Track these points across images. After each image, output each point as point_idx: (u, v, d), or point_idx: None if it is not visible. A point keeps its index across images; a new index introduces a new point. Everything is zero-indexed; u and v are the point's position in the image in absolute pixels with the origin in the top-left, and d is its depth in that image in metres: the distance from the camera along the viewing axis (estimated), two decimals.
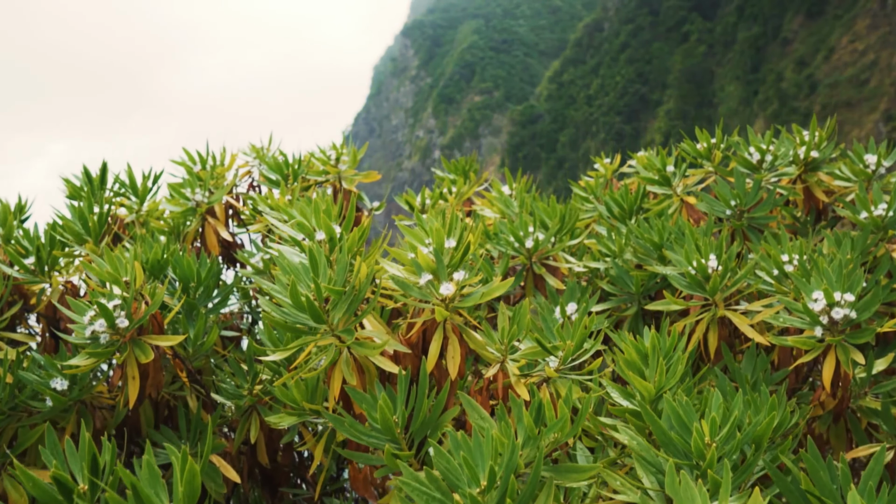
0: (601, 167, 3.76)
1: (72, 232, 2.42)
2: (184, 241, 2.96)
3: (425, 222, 1.94)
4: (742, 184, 2.70)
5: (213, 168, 3.16)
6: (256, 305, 3.00)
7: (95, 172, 2.91)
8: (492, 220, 3.19)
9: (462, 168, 3.69)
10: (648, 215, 2.95)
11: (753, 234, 2.72)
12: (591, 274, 2.97)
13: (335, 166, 3.18)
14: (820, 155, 2.87)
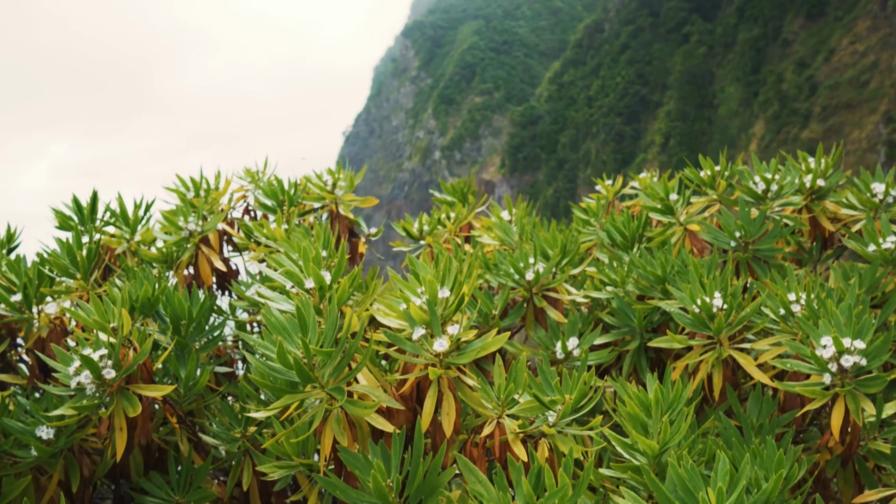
0: (603, 189, 3.70)
1: (60, 267, 2.37)
2: (177, 270, 2.90)
3: (419, 267, 1.88)
4: (746, 214, 2.65)
5: (208, 193, 3.10)
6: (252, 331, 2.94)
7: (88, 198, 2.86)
8: (491, 246, 3.14)
9: (460, 190, 3.63)
10: (651, 245, 2.89)
11: (759, 267, 2.66)
12: (593, 303, 2.91)
13: (331, 192, 3.12)
14: (826, 183, 2.81)
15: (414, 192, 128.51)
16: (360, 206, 3.47)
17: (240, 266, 3.30)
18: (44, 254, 2.68)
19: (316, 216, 3.15)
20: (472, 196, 3.64)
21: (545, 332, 2.64)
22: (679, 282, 2.51)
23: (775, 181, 2.74)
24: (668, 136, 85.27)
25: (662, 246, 2.90)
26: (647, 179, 3.68)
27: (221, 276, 3.11)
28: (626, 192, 3.75)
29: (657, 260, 2.62)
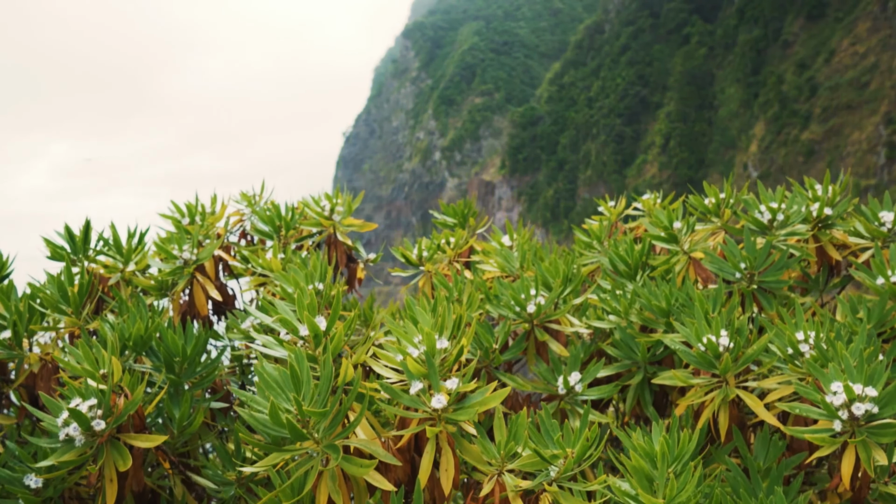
0: (605, 210, 3.65)
1: (50, 303, 2.31)
2: (172, 298, 2.85)
3: (417, 313, 1.82)
4: (752, 245, 2.59)
5: (204, 219, 3.05)
6: (248, 363, 2.89)
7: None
8: (492, 273, 3.08)
9: (461, 213, 3.58)
10: (655, 274, 2.84)
11: (764, 298, 2.60)
12: (596, 331, 2.86)
13: (329, 218, 3.06)
14: (834, 212, 2.76)
15: (414, 193, 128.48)
16: (357, 229, 3.41)
17: (237, 289, 3.26)
18: (36, 283, 2.63)
19: (313, 242, 3.10)
20: (472, 219, 3.59)
21: (547, 367, 2.59)
22: (684, 316, 2.46)
23: (781, 210, 2.69)
24: (668, 137, 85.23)
25: (666, 275, 2.85)
26: (649, 202, 3.64)
27: (218, 304, 3.06)
28: (630, 213, 3.70)
29: (661, 292, 2.57)
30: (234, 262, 3.14)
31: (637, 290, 2.67)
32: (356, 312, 2.54)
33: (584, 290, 3.19)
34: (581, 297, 2.82)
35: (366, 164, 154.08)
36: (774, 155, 73.32)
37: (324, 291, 2.54)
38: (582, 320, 2.88)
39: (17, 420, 2.47)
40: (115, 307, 2.54)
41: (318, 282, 2.52)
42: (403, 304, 2.91)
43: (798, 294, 2.92)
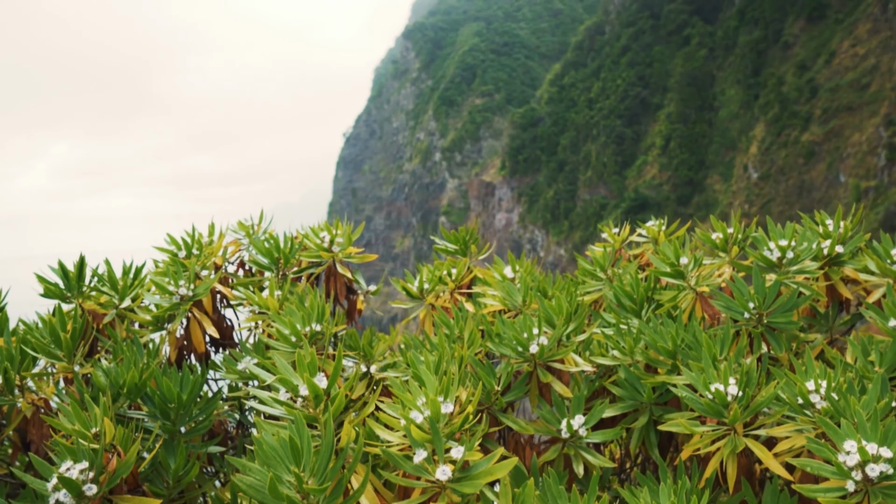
0: (609, 237, 3.60)
1: (42, 350, 2.26)
2: (168, 333, 2.80)
3: (421, 371, 1.77)
4: (761, 285, 2.54)
5: (201, 250, 2.99)
6: (247, 401, 2.83)
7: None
8: (493, 307, 3.03)
9: (462, 240, 3.53)
10: (661, 311, 2.79)
11: (773, 339, 2.55)
12: (599, 367, 2.81)
13: (329, 250, 3.01)
14: (845, 249, 2.70)
15: (414, 194, 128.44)
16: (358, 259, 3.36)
17: (237, 310, 3.20)
18: (28, 322, 2.58)
19: (312, 275, 3.05)
20: (474, 246, 3.54)
21: (549, 408, 2.53)
22: (691, 359, 2.41)
23: (791, 248, 2.63)
24: (668, 138, 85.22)
25: (673, 311, 2.80)
26: (654, 230, 3.58)
27: (217, 330, 3.01)
28: (634, 239, 3.65)
29: (668, 332, 2.51)
30: (232, 294, 3.09)
31: (642, 328, 2.62)
32: (356, 372, 2.48)
33: (588, 319, 3.14)
34: (585, 333, 2.77)
35: (366, 164, 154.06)
36: (775, 156, 73.34)
37: (322, 332, 2.49)
38: (584, 354, 2.83)
39: (10, 458, 2.42)
40: (110, 347, 2.49)
41: (316, 322, 2.47)
42: (405, 344, 2.86)
43: (806, 330, 2.87)
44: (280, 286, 2.99)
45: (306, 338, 2.43)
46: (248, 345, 3.07)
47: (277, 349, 2.45)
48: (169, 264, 2.95)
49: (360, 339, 3.04)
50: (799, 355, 2.75)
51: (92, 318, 2.65)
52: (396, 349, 3.38)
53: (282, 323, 2.41)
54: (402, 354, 2.94)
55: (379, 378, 2.93)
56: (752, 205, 73.09)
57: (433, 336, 3.02)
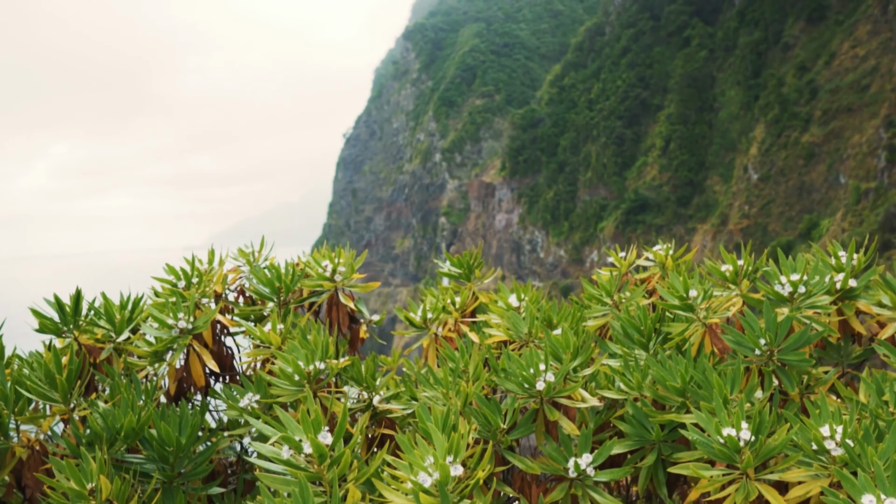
0: (615, 261, 3.54)
1: (37, 392, 2.20)
2: (168, 366, 2.74)
3: (430, 428, 1.72)
4: (772, 320, 2.48)
5: (201, 280, 2.94)
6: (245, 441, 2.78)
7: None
8: (498, 338, 2.98)
9: (466, 264, 3.47)
10: (669, 345, 2.73)
11: (785, 377, 2.49)
12: (607, 401, 2.76)
13: (331, 279, 2.96)
14: (859, 283, 2.65)
15: (414, 195, 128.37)
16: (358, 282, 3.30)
17: (235, 340, 3.15)
18: (24, 356, 2.52)
19: (314, 305, 3.00)
20: (478, 270, 3.48)
21: (556, 446, 2.48)
22: (700, 398, 2.35)
23: (803, 283, 2.58)
24: (668, 139, 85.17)
25: (682, 345, 2.74)
26: (661, 254, 3.53)
27: (218, 361, 2.96)
28: (641, 263, 3.60)
29: (677, 369, 2.46)
30: (232, 322, 3.04)
31: (650, 362, 2.56)
32: (361, 432, 2.43)
33: (594, 343, 3.08)
34: (591, 367, 2.71)
35: (366, 165, 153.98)
36: (775, 157, 73.30)
37: (326, 370, 2.43)
38: (590, 386, 2.78)
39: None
40: (108, 385, 2.43)
41: (320, 360, 2.42)
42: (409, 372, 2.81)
43: (817, 363, 2.81)
44: (282, 317, 2.94)
45: (309, 376, 2.38)
46: (250, 373, 3.02)
47: (280, 388, 2.40)
48: (168, 294, 2.90)
49: (363, 364, 2.99)
50: (810, 388, 2.70)
51: (88, 352, 2.59)
52: (401, 366, 3.33)
53: (285, 360, 2.36)
54: (405, 385, 2.89)
55: (382, 409, 2.88)
56: (752, 206, 73.06)
57: (437, 367, 2.96)
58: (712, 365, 2.63)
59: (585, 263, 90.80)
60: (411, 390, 2.78)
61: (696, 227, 79.36)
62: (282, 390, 2.39)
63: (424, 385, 2.62)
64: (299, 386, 2.36)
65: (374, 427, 2.85)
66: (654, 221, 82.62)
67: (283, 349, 2.55)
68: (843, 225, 60.66)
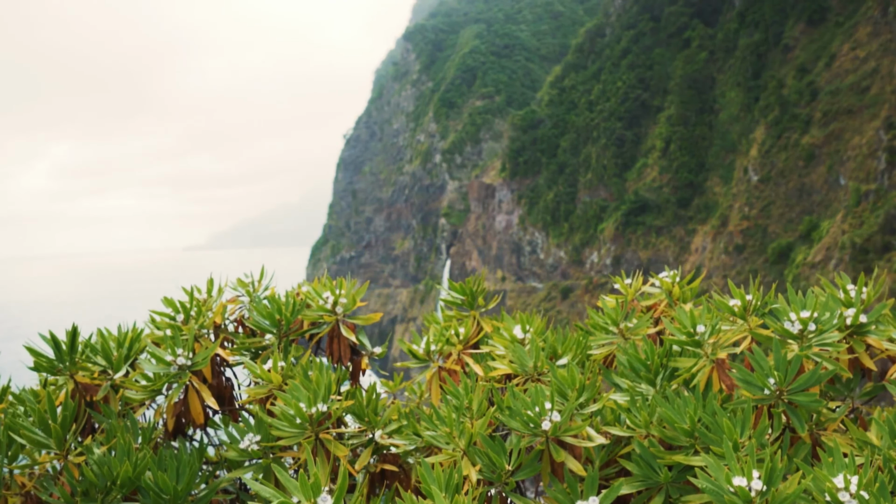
0: (621, 288, 3.50)
1: (31, 440, 2.16)
2: (166, 401, 2.70)
3: (433, 491, 1.67)
4: (782, 360, 2.44)
5: (199, 313, 2.89)
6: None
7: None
8: (503, 371, 2.93)
9: (470, 292, 3.42)
10: (676, 382, 2.69)
11: (795, 416, 2.45)
12: (612, 440, 2.71)
13: (332, 312, 2.91)
14: (869, 318, 2.60)
15: (414, 196, 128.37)
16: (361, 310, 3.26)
17: (235, 373, 3.11)
18: (15, 392, 2.48)
19: (315, 337, 2.95)
20: (482, 299, 3.43)
21: (562, 487, 2.43)
22: (710, 441, 2.31)
23: (813, 320, 2.53)
24: (668, 140, 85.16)
25: (690, 381, 2.70)
26: (668, 282, 3.48)
27: (217, 397, 2.91)
28: (647, 290, 3.55)
29: (686, 409, 2.41)
30: (232, 352, 2.99)
31: (657, 401, 2.52)
32: (361, 492, 2.38)
33: (599, 372, 3.04)
34: (597, 403, 2.67)
35: (366, 166, 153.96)
36: (775, 159, 73.29)
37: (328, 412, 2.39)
38: (595, 420, 2.73)
39: None
40: (105, 426, 2.38)
41: (322, 402, 2.37)
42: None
43: (827, 399, 2.77)
44: (282, 349, 2.89)
45: (311, 418, 2.33)
46: (250, 405, 2.97)
47: (281, 430, 2.35)
48: (166, 326, 2.85)
49: (363, 395, 2.94)
50: (820, 425, 2.66)
51: (85, 390, 2.54)
52: (402, 389, 3.28)
53: (286, 402, 2.31)
54: (407, 419, 2.84)
55: (385, 444, 2.84)
56: (752, 207, 73.05)
57: (440, 402, 2.92)
58: (721, 402, 2.58)
59: (585, 265, 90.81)
60: (414, 425, 2.73)
61: (696, 228, 79.37)
62: (283, 432, 2.34)
63: (428, 423, 2.57)
64: (301, 429, 2.31)
65: (376, 462, 2.81)
66: (655, 223, 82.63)
67: (285, 388, 2.50)
68: (843, 227, 60.65)
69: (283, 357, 2.69)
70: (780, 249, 68.31)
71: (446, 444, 2.52)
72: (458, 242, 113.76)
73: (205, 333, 2.97)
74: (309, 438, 2.31)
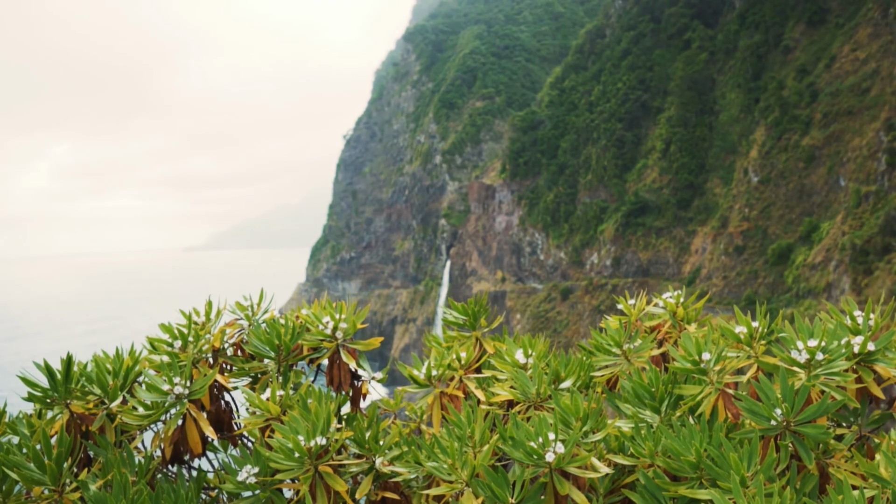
0: (625, 309, 3.46)
1: (26, 478, 2.12)
2: (164, 430, 2.66)
3: None
4: (789, 390, 2.40)
5: (197, 339, 2.85)
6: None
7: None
8: (505, 397, 2.89)
9: (472, 313, 3.38)
10: (682, 411, 2.65)
11: (802, 448, 2.41)
12: (616, 469, 2.67)
13: (332, 337, 2.87)
14: (877, 346, 2.56)
15: (415, 197, 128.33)
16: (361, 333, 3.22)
17: (233, 398, 3.07)
18: (10, 423, 2.44)
19: (314, 362, 2.91)
20: (484, 320, 3.39)
21: None
22: (717, 475, 2.27)
23: (820, 349, 2.49)
24: (668, 141, 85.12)
25: (696, 410, 2.66)
26: (672, 303, 3.44)
27: (215, 423, 2.87)
28: (652, 310, 3.51)
29: (691, 441, 2.37)
30: (234, 376, 2.96)
31: (662, 430, 2.48)
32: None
33: (604, 401, 3.00)
34: (601, 433, 2.63)
35: (366, 166, 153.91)
36: (775, 160, 73.25)
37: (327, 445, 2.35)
38: (599, 447, 2.69)
39: None
40: (101, 459, 2.34)
41: (321, 435, 2.33)
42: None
43: (833, 427, 2.73)
44: (282, 373, 2.85)
45: (310, 452, 2.29)
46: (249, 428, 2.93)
47: (279, 463, 2.32)
48: (164, 353, 2.81)
49: (363, 420, 2.90)
50: (827, 453, 2.62)
51: (80, 420, 2.50)
52: (403, 408, 3.24)
53: (284, 435, 2.27)
54: (408, 444, 2.80)
55: (386, 472, 2.80)
56: (752, 209, 73.01)
57: (441, 428, 2.88)
58: (727, 431, 2.54)
59: (585, 266, 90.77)
60: (416, 453, 2.69)
61: (696, 229, 79.33)
62: (281, 465, 2.30)
63: (429, 453, 2.53)
64: (299, 462, 2.27)
65: (377, 490, 2.77)
66: (655, 224, 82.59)
67: (284, 419, 2.46)
68: (844, 228, 60.62)
69: (282, 385, 2.66)
70: (780, 251, 68.31)
71: (448, 475, 2.48)
72: (458, 243, 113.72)
73: (203, 357, 2.93)
74: (308, 473, 2.27)
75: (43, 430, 2.18)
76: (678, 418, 2.70)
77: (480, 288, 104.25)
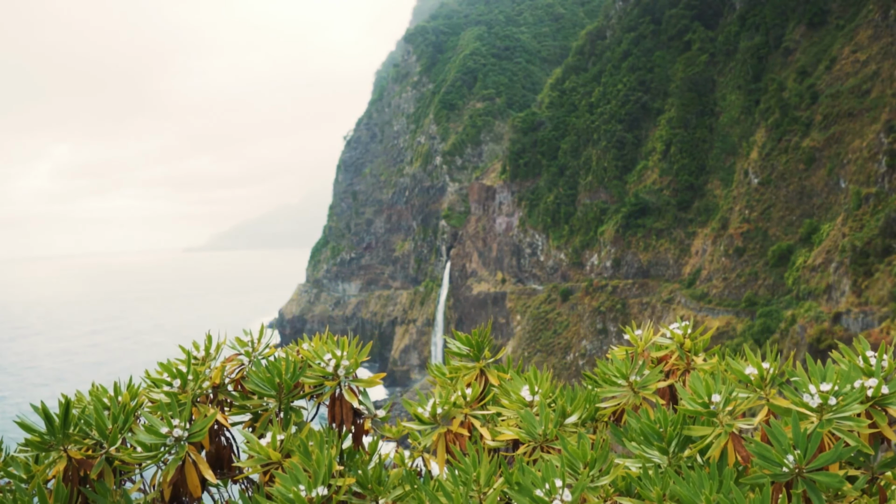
0: (632, 339, 3.41)
1: None
2: (163, 474, 2.61)
3: None
4: (801, 436, 2.35)
5: (197, 377, 2.80)
6: None
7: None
8: (510, 436, 2.84)
9: (476, 344, 3.33)
10: (691, 453, 2.60)
11: (814, 495, 2.36)
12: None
13: (334, 375, 2.82)
14: (890, 388, 2.51)
15: (415, 198, 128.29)
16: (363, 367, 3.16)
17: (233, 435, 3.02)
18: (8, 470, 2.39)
19: (316, 400, 2.86)
20: (488, 352, 3.34)
21: None
22: None
23: (833, 393, 2.44)
24: (669, 143, 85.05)
25: (704, 452, 2.61)
26: (679, 334, 3.39)
27: (215, 462, 2.82)
28: (658, 342, 3.46)
29: (702, 489, 2.32)
30: (234, 412, 2.91)
31: (670, 475, 2.43)
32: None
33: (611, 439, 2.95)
34: (609, 476, 2.58)
35: (367, 167, 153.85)
36: (775, 162, 73.18)
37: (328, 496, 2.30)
38: (606, 487, 2.64)
39: None
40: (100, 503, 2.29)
41: (322, 485, 2.28)
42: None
43: (846, 467, 2.68)
44: (283, 410, 2.80)
45: (311, 502, 2.24)
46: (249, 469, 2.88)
47: None
48: (163, 392, 2.76)
49: (365, 454, 2.85)
50: (839, 497, 2.57)
51: (79, 465, 2.45)
52: (405, 435, 3.19)
53: (285, 485, 2.22)
54: (411, 482, 2.75)
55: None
56: (752, 210, 72.94)
57: (445, 470, 2.83)
58: (737, 476, 2.49)
59: (586, 267, 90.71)
60: (420, 496, 2.64)
61: (696, 231, 79.27)
62: None
63: (432, 499, 2.48)
64: None
65: None
66: (655, 225, 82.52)
67: (284, 464, 2.41)
68: (844, 230, 60.56)
69: (282, 426, 2.61)
70: (780, 252, 68.25)
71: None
72: (459, 244, 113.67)
73: (203, 393, 2.88)
74: None
75: (39, 486, 2.13)
76: (687, 459, 2.65)
77: (480, 289, 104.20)
